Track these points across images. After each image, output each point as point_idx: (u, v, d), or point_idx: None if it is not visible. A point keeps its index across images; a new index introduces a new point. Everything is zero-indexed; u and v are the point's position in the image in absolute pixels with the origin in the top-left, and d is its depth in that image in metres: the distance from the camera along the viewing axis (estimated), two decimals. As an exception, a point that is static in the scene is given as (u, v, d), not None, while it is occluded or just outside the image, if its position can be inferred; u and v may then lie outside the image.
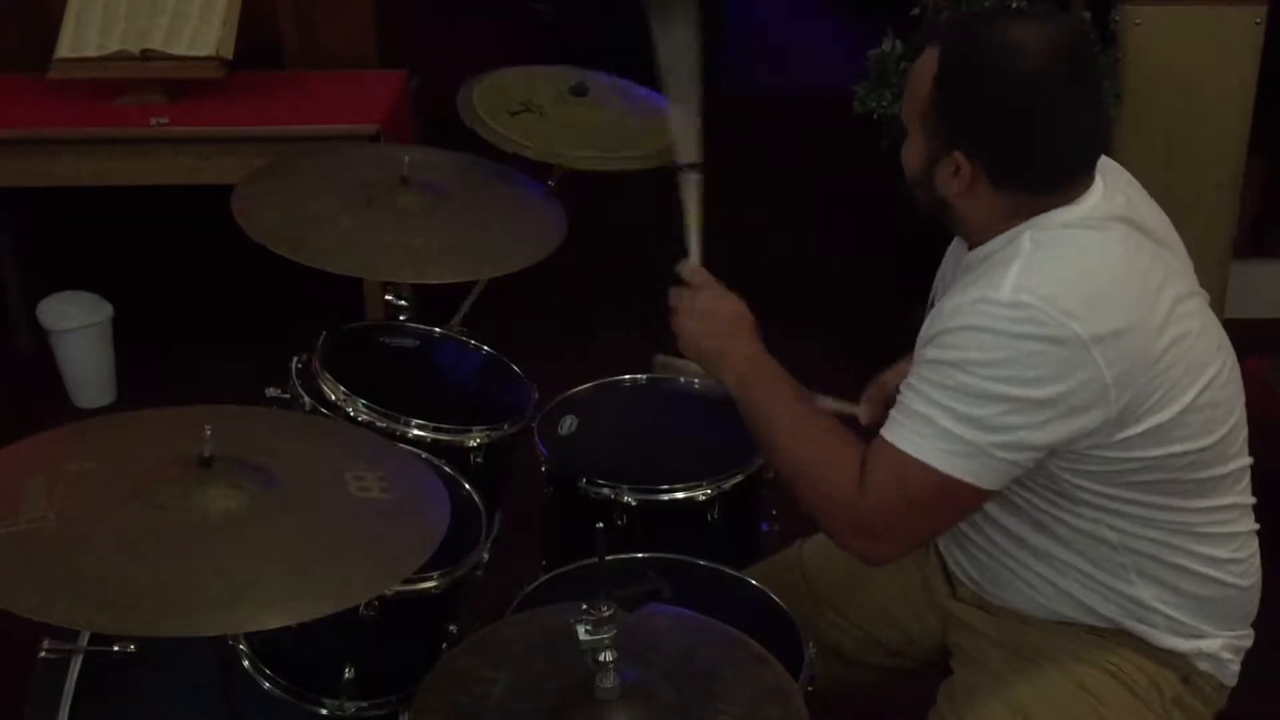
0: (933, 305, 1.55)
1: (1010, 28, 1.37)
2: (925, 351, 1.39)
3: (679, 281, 1.58)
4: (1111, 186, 1.43)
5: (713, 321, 1.54)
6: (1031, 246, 1.37)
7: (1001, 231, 1.41)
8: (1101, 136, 1.43)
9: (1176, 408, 1.38)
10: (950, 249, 1.60)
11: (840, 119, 2.98)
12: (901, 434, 1.38)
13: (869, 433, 1.47)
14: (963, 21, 1.45)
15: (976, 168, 1.38)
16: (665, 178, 1.87)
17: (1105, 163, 1.46)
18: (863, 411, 1.69)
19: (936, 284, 1.60)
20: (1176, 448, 1.40)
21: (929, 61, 1.39)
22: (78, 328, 3.07)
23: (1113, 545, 1.47)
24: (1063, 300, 1.32)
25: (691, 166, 1.67)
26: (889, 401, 1.63)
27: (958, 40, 1.39)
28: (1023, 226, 1.40)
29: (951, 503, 1.40)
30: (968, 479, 1.36)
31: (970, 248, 1.47)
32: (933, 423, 1.35)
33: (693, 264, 1.60)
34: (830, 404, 1.66)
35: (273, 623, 1.16)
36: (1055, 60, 1.35)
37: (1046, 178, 1.39)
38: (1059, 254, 1.37)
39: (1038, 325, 1.31)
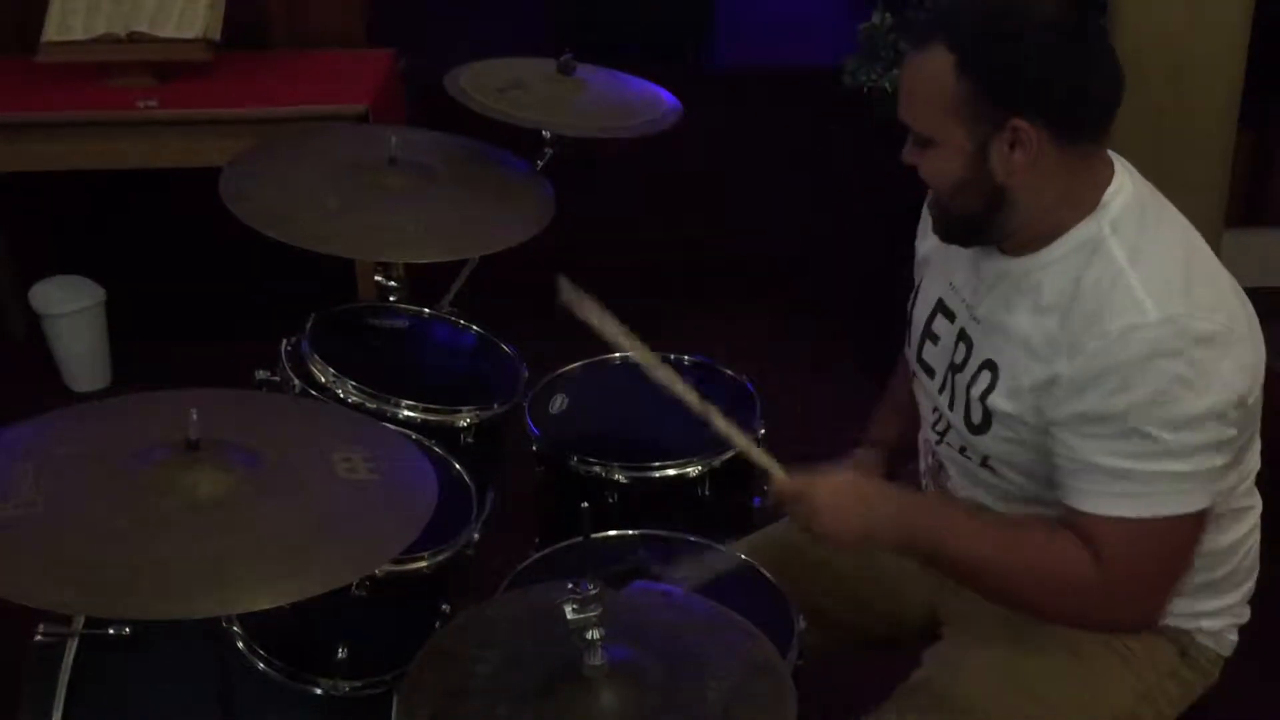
0: (938, 307, 1.54)
1: None
2: (1077, 403, 1.35)
3: (780, 505, 1.49)
4: (1129, 168, 1.44)
5: (838, 516, 1.43)
6: (1126, 252, 1.36)
7: (1064, 225, 1.38)
8: (1123, 80, 1.40)
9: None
10: (939, 263, 1.56)
11: (829, 92, 2.97)
12: (1127, 502, 1.34)
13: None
14: (951, 9, 1.40)
15: (1038, 127, 1.33)
16: (653, 153, 1.87)
17: None
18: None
19: (934, 283, 1.57)
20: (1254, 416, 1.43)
21: (936, 59, 1.35)
22: (70, 312, 3.07)
23: None
24: (1199, 297, 1.33)
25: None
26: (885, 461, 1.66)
27: (964, 22, 1.36)
28: (1089, 224, 1.38)
29: (1193, 535, 1.39)
30: (1199, 508, 1.36)
31: (1010, 250, 1.43)
32: (1149, 474, 1.33)
33: (779, 481, 1.48)
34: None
35: (260, 604, 1.16)
36: (1062, 3, 1.35)
37: (1099, 119, 1.38)
38: (1158, 251, 1.37)
39: (1195, 333, 1.31)
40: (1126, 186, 1.41)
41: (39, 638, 1.59)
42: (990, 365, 1.46)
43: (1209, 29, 2.93)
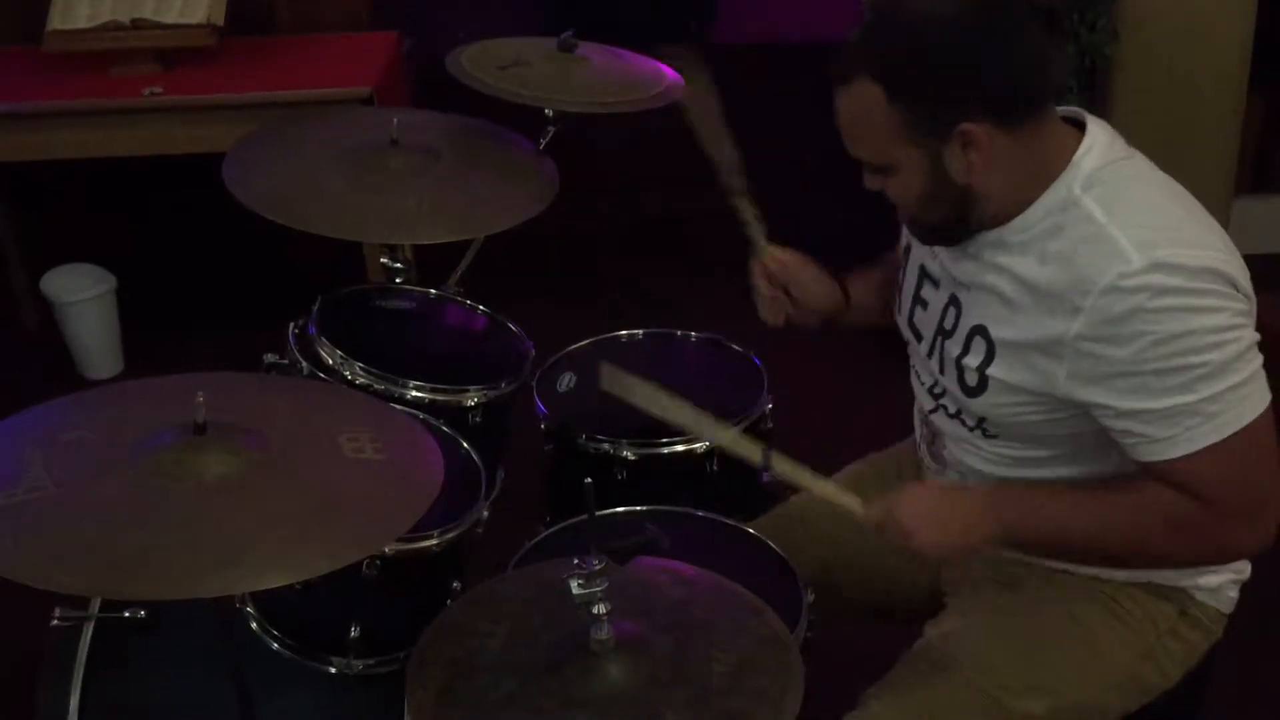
0: (922, 275, 1.56)
1: (905, 7, 1.38)
2: (1102, 365, 1.35)
3: (878, 536, 1.47)
4: (1106, 128, 1.44)
5: (932, 532, 1.42)
6: (1102, 207, 1.37)
7: (1033, 196, 1.39)
8: (1050, 50, 1.41)
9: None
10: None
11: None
12: (1202, 432, 1.34)
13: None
14: (864, 41, 1.40)
15: (984, 124, 1.35)
16: (654, 133, 1.87)
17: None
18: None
19: (920, 251, 1.58)
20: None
21: (861, 93, 1.37)
22: (82, 300, 3.09)
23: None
24: (1181, 237, 1.35)
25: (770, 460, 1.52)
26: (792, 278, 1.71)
27: (878, 49, 1.37)
28: (1058, 187, 1.39)
29: (1272, 430, 1.38)
30: (1263, 408, 1.36)
31: (991, 229, 1.43)
32: (1203, 403, 1.33)
33: (860, 516, 1.47)
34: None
35: (270, 583, 1.17)
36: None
37: (1037, 92, 1.39)
38: (1133, 201, 1.37)
39: (1184, 269, 1.32)
40: (1099, 145, 1.41)
41: (56, 622, 1.60)
42: (981, 330, 1.47)
43: (1217, -5, 2.92)
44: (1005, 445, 1.51)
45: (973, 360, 1.47)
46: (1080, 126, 1.43)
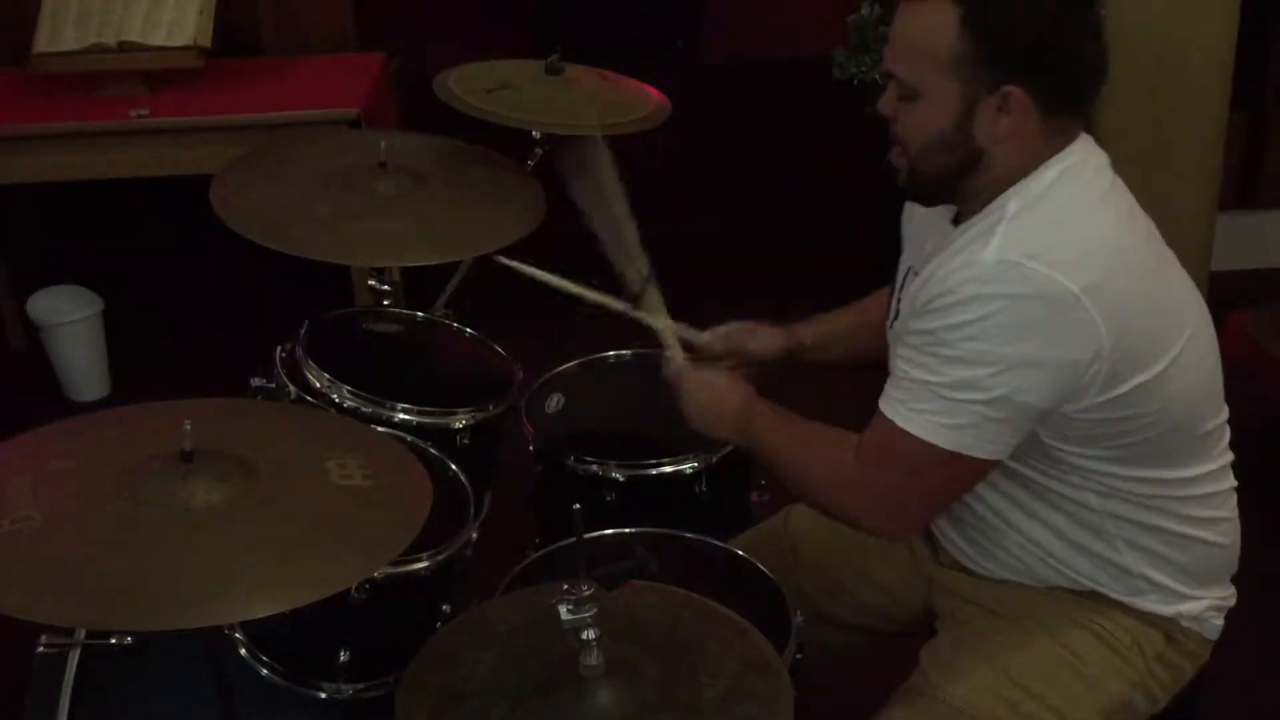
0: (909, 274, 1.56)
1: None
2: (913, 322, 1.39)
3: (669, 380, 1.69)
4: (1091, 143, 1.44)
5: (702, 401, 1.63)
6: (1014, 210, 1.37)
7: (1002, 190, 1.39)
8: (1108, 52, 1.41)
9: (1166, 359, 1.39)
10: (909, 218, 1.59)
11: (819, 84, 2.98)
12: (899, 410, 1.39)
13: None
14: None
15: (1029, 96, 1.34)
16: (642, 148, 1.88)
17: None
18: (708, 339, 1.79)
19: (907, 255, 1.59)
20: (1159, 405, 1.40)
21: (939, 11, 1.33)
22: (69, 322, 3.08)
23: (1097, 511, 1.48)
24: (1051, 255, 1.32)
25: (640, 289, 1.76)
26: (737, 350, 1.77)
27: None
28: (1014, 188, 1.38)
29: (955, 475, 1.41)
30: (965, 452, 1.36)
31: (964, 214, 1.44)
32: (928, 393, 1.35)
33: (675, 363, 1.70)
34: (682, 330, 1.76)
35: (258, 612, 1.17)
36: None
37: (1087, 92, 1.39)
38: (1042, 216, 1.37)
39: (1024, 283, 1.31)
40: (1070, 158, 1.40)
41: (41, 648, 1.60)
42: (911, 271, 1.51)
43: (1199, 11, 2.93)
44: None
45: (894, 297, 1.53)
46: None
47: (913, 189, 1.47)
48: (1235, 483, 1.55)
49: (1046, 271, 1.31)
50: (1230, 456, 1.54)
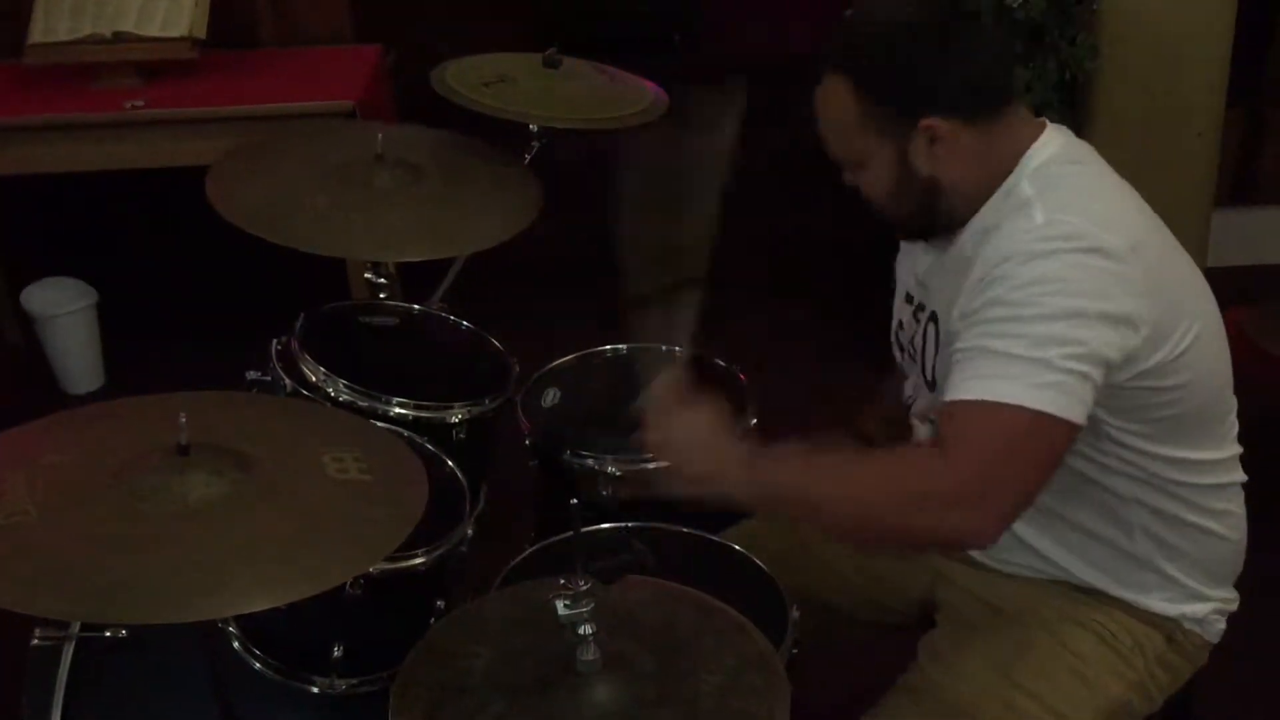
0: (909, 299, 1.58)
1: (876, 8, 1.46)
2: (969, 303, 1.38)
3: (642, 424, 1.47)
4: (1067, 131, 1.49)
5: (687, 449, 1.43)
6: (1035, 190, 1.41)
7: (994, 189, 1.43)
8: (1011, 50, 1.47)
9: (1194, 332, 1.42)
10: (905, 257, 1.62)
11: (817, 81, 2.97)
12: (977, 385, 1.32)
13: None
14: (836, 41, 1.46)
15: (948, 118, 1.41)
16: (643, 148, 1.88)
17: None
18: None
19: (910, 286, 1.60)
20: (1190, 376, 1.42)
21: (833, 89, 1.43)
22: (63, 314, 3.08)
23: (1122, 497, 1.48)
24: (1091, 219, 1.36)
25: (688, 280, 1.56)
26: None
27: (849, 46, 1.44)
28: (1012, 179, 1.43)
29: (1044, 444, 1.32)
30: (1061, 414, 1.31)
31: (959, 228, 1.47)
32: (1008, 358, 1.32)
33: (653, 392, 1.49)
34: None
35: (254, 607, 1.17)
36: (930, 1, 1.43)
37: (999, 87, 1.45)
38: (1066, 189, 1.41)
39: (1079, 239, 1.34)
40: (1053, 144, 1.45)
41: (36, 641, 1.59)
42: (934, 319, 1.52)
43: (1196, 7, 2.93)
44: None
45: (930, 349, 1.51)
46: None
47: (902, 233, 1.57)
48: (1245, 477, 1.56)
49: (1097, 228, 1.35)
50: (1239, 449, 1.55)
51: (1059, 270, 1.33)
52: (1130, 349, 1.36)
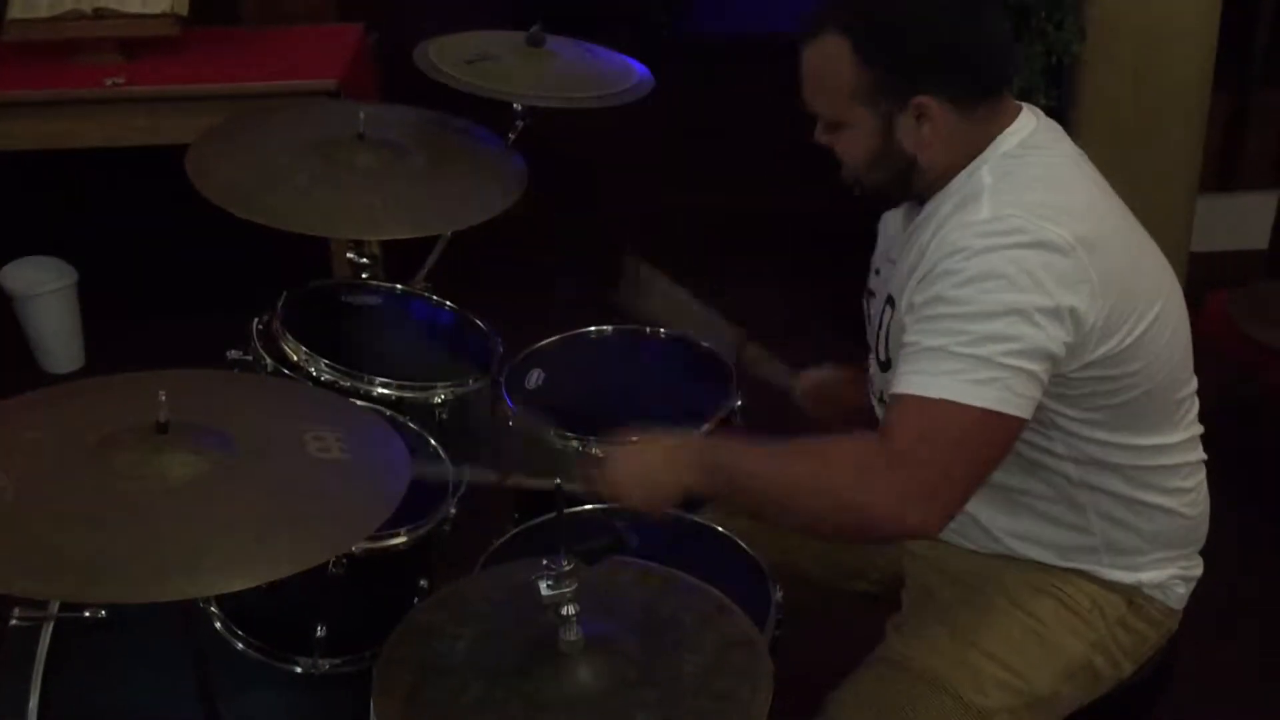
0: (877, 272, 1.58)
1: None
2: (916, 296, 1.39)
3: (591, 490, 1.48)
4: (1042, 116, 1.48)
5: (643, 482, 1.45)
6: (992, 178, 1.40)
7: (960, 170, 1.43)
8: (1010, 29, 1.46)
9: (1148, 319, 1.41)
10: (885, 223, 1.61)
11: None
12: (919, 380, 1.33)
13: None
14: None
15: (941, 100, 1.39)
16: (624, 123, 1.87)
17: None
18: (796, 383, 1.81)
19: (877, 258, 1.61)
20: (1142, 364, 1.42)
21: (831, 46, 1.39)
22: (43, 293, 3.06)
23: (1074, 481, 1.49)
24: (1044, 209, 1.35)
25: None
26: (826, 398, 1.74)
27: (853, 9, 1.40)
28: (977, 162, 1.43)
29: (990, 439, 1.34)
30: (1002, 409, 1.32)
31: (922, 202, 1.48)
32: (948, 355, 1.32)
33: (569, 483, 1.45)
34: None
35: (234, 586, 1.15)
36: None
37: (998, 79, 1.43)
38: (1020, 177, 1.40)
39: (1023, 233, 1.33)
40: (1026, 129, 1.44)
41: (14, 622, 1.58)
42: (890, 301, 1.50)
43: (1182, -7, 2.94)
44: None
45: (882, 333, 1.51)
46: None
47: (869, 198, 1.53)
48: (1205, 455, 1.57)
49: (1041, 222, 1.34)
50: (1200, 429, 1.56)
51: (999, 266, 1.32)
52: (1074, 342, 1.36)
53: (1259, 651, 2.38)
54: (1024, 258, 1.32)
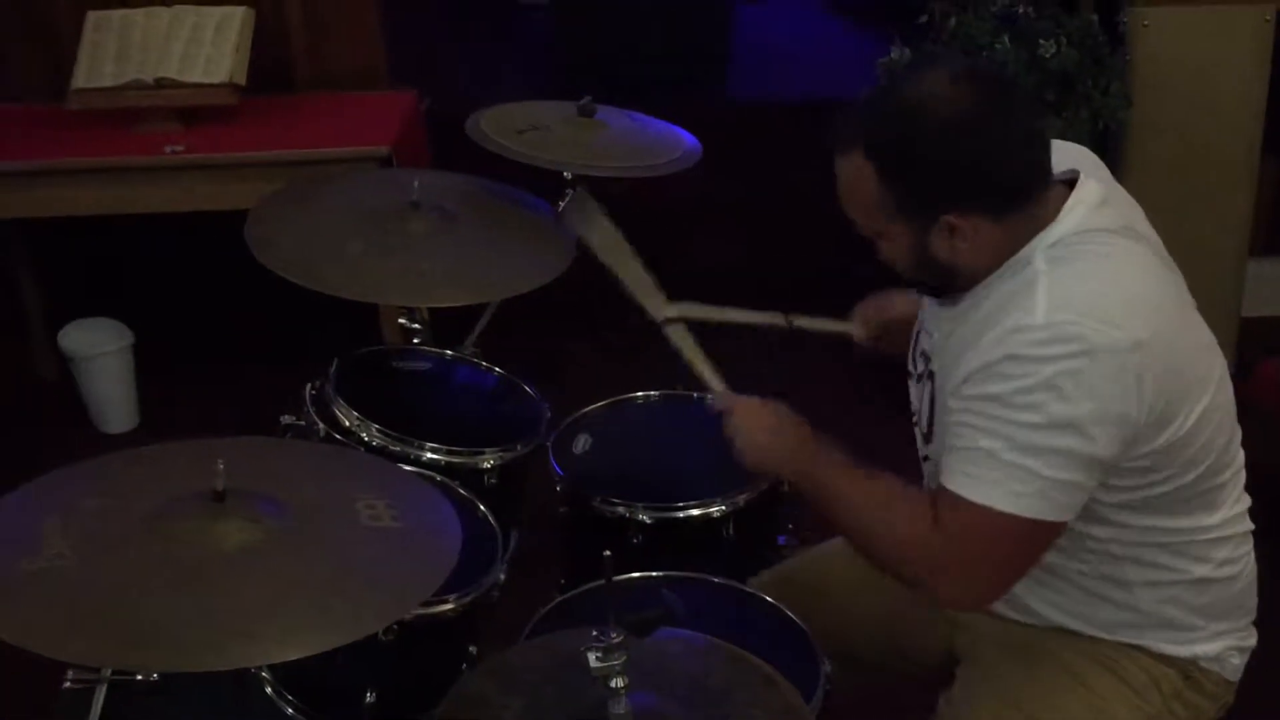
0: (923, 356, 1.57)
1: (906, 89, 1.39)
2: (967, 388, 1.38)
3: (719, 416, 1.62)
4: (1093, 195, 1.43)
5: (757, 436, 1.57)
6: (1047, 266, 1.38)
7: (1007, 257, 1.42)
8: (1045, 136, 1.43)
9: (1199, 410, 1.40)
10: (924, 312, 1.61)
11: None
12: (967, 483, 1.37)
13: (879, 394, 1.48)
14: (863, 114, 1.41)
15: (970, 216, 1.38)
16: (672, 188, 1.89)
17: (1083, 161, 1.49)
18: (855, 329, 1.83)
19: (920, 340, 1.60)
20: (1191, 453, 1.41)
21: (856, 167, 1.40)
22: (100, 354, 3.11)
23: (1119, 559, 1.48)
24: (1099, 311, 1.33)
25: (668, 320, 1.80)
26: (886, 328, 1.77)
27: (876, 129, 1.39)
28: (1024, 252, 1.41)
29: (1033, 541, 1.40)
30: (1042, 517, 1.35)
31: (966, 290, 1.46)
32: (997, 463, 1.34)
33: (717, 394, 1.68)
34: (823, 324, 1.85)
35: (286, 656, 1.17)
36: (962, 87, 1.36)
37: (1028, 186, 1.40)
38: (1078, 269, 1.38)
39: (1081, 341, 1.31)
40: (1078, 211, 1.41)
41: (68, 684, 1.60)
42: (930, 375, 1.51)
43: (1231, 58, 2.94)
44: None
45: (926, 405, 1.52)
46: (1072, 184, 1.43)
47: (919, 291, 1.57)
48: (1252, 526, 1.55)
49: (1099, 325, 1.32)
50: (1248, 501, 1.55)
51: (1054, 379, 1.31)
52: (1128, 442, 1.36)
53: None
54: (1079, 369, 1.31)
